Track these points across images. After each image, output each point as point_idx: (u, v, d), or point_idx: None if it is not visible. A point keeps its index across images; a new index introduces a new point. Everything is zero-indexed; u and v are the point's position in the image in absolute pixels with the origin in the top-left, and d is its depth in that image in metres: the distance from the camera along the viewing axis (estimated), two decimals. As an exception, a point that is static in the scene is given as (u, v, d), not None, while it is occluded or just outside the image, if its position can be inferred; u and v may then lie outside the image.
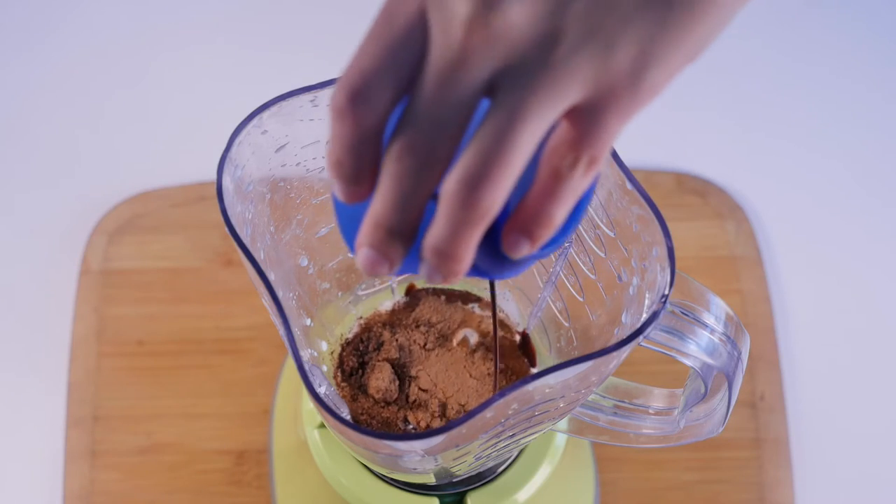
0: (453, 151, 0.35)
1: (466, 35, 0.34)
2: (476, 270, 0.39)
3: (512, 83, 0.34)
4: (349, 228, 0.40)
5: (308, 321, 0.57)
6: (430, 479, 0.58)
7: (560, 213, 0.36)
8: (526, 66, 0.34)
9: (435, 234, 0.36)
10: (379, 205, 0.36)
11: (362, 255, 0.37)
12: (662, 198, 0.80)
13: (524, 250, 0.37)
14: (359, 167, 0.36)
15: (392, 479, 0.60)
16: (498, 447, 0.51)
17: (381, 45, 0.35)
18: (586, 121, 0.35)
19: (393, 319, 0.60)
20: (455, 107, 0.34)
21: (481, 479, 0.61)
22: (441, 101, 0.34)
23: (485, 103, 0.35)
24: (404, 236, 0.36)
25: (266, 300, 0.45)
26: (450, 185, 0.35)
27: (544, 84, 0.34)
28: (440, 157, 0.35)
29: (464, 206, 0.35)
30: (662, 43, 0.35)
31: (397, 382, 0.57)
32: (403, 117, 0.35)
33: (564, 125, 0.36)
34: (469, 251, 0.36)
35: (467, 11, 0.33)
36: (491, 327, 0.60)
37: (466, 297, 0.61)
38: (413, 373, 0.57)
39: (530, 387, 0.42)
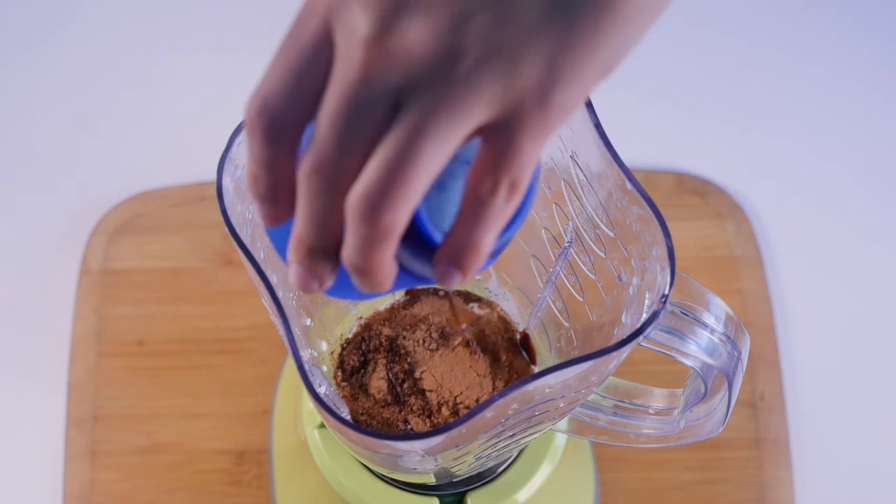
0: (360, 168, 0.35)
1: (366, 54, 0.33)
2: (417, 278, 0.39)
3: (415, 101, 0.34)
4: (281, 243, 0.40)
5: (308, 321, 0.57)
6: (430, 479, 0.58)
7: (486, 240, 0.36)
8: (428, 83, 0.33)
9: (346, 250, 0.36)
10: (298, 224, 0.36)
11: (291, 273, 0.37)
12: (662, 198, 0.80)
13: (456, 280, 0.37)
14: (274, 185, 0.36)
15: (392, 479, 0.60)
16: (498, 447, 0.51)
17: (288, 62, 0.35)
18: (499, 142, 0.35)
19: (393, 318, 0.60)
20: (359, 125, 0.34)
21: (481, 479, 0.61)
22: (345, 119, 0.34)
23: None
24: (327, 254, 0.36)
25: (266, 300, 0.45)
26: (351, 201, 0.34)
27: (446, 102, 0.33)
28: (347, 175, 0.35)
29: (366, 224, 0.34)
30: (569, 59, 0.34)
31: (396, 383, 0.57)
32: (312, 136, 0.35)
33: (482, 148, 0.35)
34: (383, 266, 0.36)
35: (367, 30, 0.33)
36: (491, 327, 0.60)
37: (467, 297, 0.61)
38: (413, 373, 0.57)
39: (530, 387, 0.42)
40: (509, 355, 0.59)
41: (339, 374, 0.58)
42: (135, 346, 0.76)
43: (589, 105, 0.46)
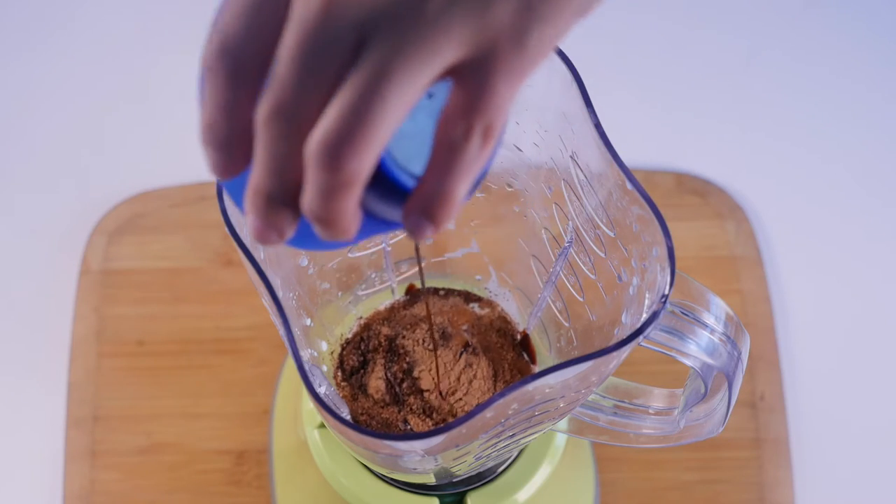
0: (321, 111, 0.32)
1: None
2: (384, 224, 0.37)
3: (380, 39, 0.31)
4: (238, 195, 0.38)
5: (308, 321, 0.57)
6: (430, 479, 0.58)
7: (459, 189, 0.34)
8: (394, 20, 0.31)
9: (306, 198, 0.33)
10: (255, 171, 0.34)
11: (248, 224, 0.35)
12: (662, 198, 0.80)
13: (427, 232, 0.35)
14: (232, 132, 0.34)
15: (392, 479, 0.60)
16: (498, 447, 0.51)
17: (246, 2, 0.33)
18: (473, 83, 0.33)
19: (393, 318, 0.60)
20: (320, 64, 0.32)
21: (481, 479, 0.61)
22: (304, 58, 0.32)
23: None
24: (287, 203, 0.34)
25: (266, 300, 0.45)
26: (310, 147, 0.32)
27: (414, 40, 0.31)
28: (308, 118, 0.32)
29: (327, 171, 0.32)
30: None
31: (395, 383, 0.57)
32: (270, 79, 0.33)
33: (455, 90, 0.33)
34: (346, 215, 0.34)
35: None
36: (491, 328, 0.60)
37: (467, 297, 0.61)
38: (412, 372, 0.57)
39: (530, 387, 0.42)
40: (509, 355, 0.59)
41: (339, 374, 0.58)
42: (135, 346, 0.76)
43: (589, 105, 0.46)
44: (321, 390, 0.55)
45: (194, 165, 0.81)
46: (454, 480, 0.59)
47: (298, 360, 0.43)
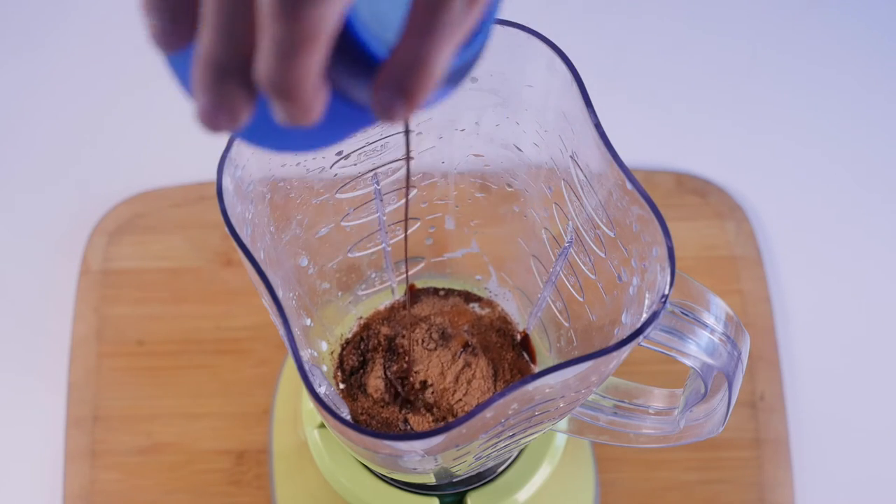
0: None
1: None
2: (355, 112, 0.31)
3: None
4: (185, 72, 0.32)
5: (308, 321, 0.57)
6: (430, 479, 0.58)
7: (439, 57, 0.29)
8: None
9: (261, 62, 0.28)
10: (203, 37, 0.29)
11: (197, 106, 0.30)
12: (662, 198, 0.80)
13: (399, 111, 0.29)
14: None
15: (392, 479, 0.60)
16: (498, 447, 0.51)
17: None
18: None
19: (392, 318, 0.60)
20: None
21: (481, 479, 0.61)
22: None
23: None
24: (240, 72, 0.29)
25: (266, 300, 0.45)
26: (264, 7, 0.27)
27: None
28: None
29: (284, 21, 0.27)
30: None
31: (395, 383, 0.57)
32: None
33: None
34: (307, 82, 0.28)
35: None
36: (491, 328, 0.60)
37: (467, 297, 0.61)
38: (413, 372, 0.57)
39: (530, 387, 0.42)
40: (509, 355, 0.59)
41: (339, 374, 0.58)
42: (135, 346, 0.76)
43: (589, 105, 0.46)
44: (321, 390, 0.55)
45: (194, 165, 0.81)
46: (454, 480, 0.59)
47: (298, 360, 0.43)
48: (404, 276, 0.60)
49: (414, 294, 0.61)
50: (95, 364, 0.75)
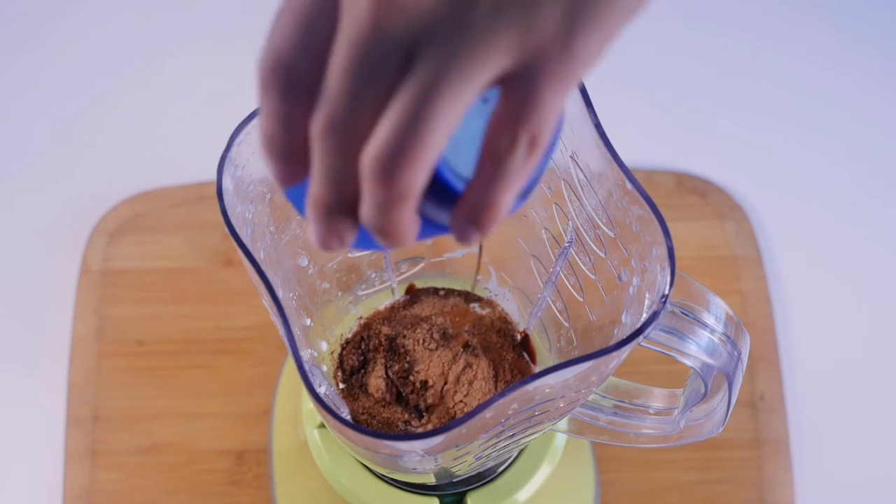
0: (375, 124, 0.33)
1: (374, 2, 0.31)
2: (443, 227, 0.37)
3: (428, 51, 0.32)
4: (299, 200, 0.39)
5: (308, 321, 0.57)
6: (430, 479, 0.58)
7: (504, 200, 0.34)
8: (442, 32, 0.31)
9: (364, 211, 0.34)
10: (314, 183, 0.34)
11: (310, 232, 0.36)
12: (662, 198, 0.80)
13: (474, 239, 0.35)
14: (290, 144, 0.35)
15: (392, 479, 0.60)
16: (498, 447, 0.51)
17: (295, 13, 0.33)
18: (518, 92, 0.33)
19: (393, 318, 0.60)
20: (371, 79, 0.32)
21: (481, 479, 0.61)
22: (355, 72, 0.32)
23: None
24: (345, 211, 0.35)
25: (266, 300, 0.45)
26: (365, 163, 0.33)
27: (462, 51, 0.32)
28: (362, 132, 0.33)
29: (382, 185, 0.33)
30: (590, 2, 0.32)
31: (396, 382, 0.57)
32: (323, 93, 0.33)
33: (501, 99, 0.33)
34: (404, 224, 0.34)
35: None
36: (491, 327, 0.60)
37: (467, 297, 0.61)
38: (414, 372, 0.57)
39: (530, 387, 0.42)
40: (509, 355, 0.59)
41: (339, 373, 0.58)
42: (135, 346, 0.76)
43: (589, 105, 0.46)
44: (321, 390, 0.55)
45: (194, 165, 0.81)
46: (454, 480, 0.59)
47: (298, 360, 0.43)
48: (404, 276, 0.60)
49: (414, 294, 0.61)
50: (95, 364, 0.75)
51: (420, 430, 0.56)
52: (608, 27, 0.33)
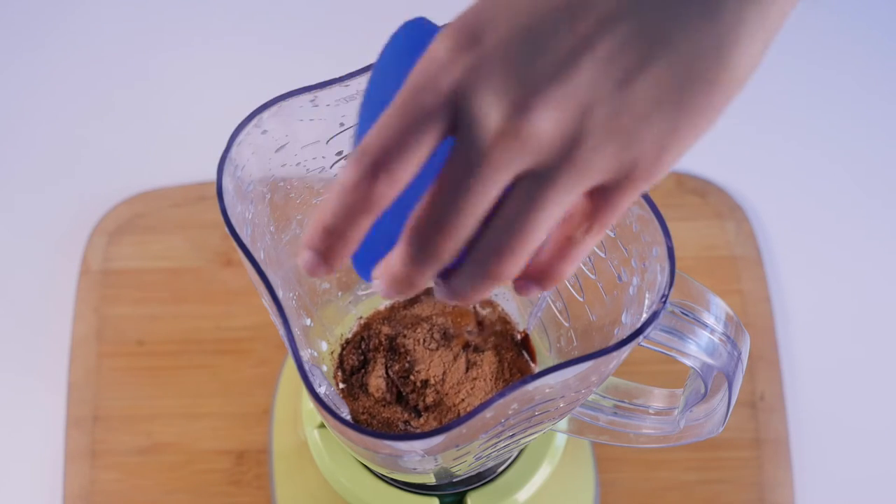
0: (473, 231, 0.37)
1: (496, 139, 0.35)
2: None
3: (535, 175, 0.36)
4: (366, 262, 0.41)
5: (308, 321, 0.57)
6: (430, 479, 0.58)
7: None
8: (550, 163, 0.35)
9: (456, 280, 0.38)
10: (397, 261, 0.38)
11: (378, 286, 0.39)
12: (662, 198, 0.80)
13: (533, 293, 0.40)
14: (347, 240, 0.37)
15: (392, 479, 0.60)
16: (498, 447, 0.51)
17: (407, 121, 0.35)
18: (603, 198, 0.37)
19: (393, 318, 0.60)
20: (479, 197, 0.36)
21: (481, 479, 0.61)
22: (473, 197, 0.36)
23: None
24: (417, 287, 0.39)
25: (266, 300, 0.45)
26: (475, 255, 0.37)
27: (565, 178, 0.36)
28: (467, 235, 0.37)
29: (484, 275, 0.38)
30: (677, 137, 0.36)
31: (396, 382, 0.57)
32: (430, 198, 0.36)
33: (584, 198, 0.38)
34: (477, 296, 0.39)
35: (500, 117, 0.35)
36: (491, 327, 0.60)
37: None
38: (413, 372, 0.57)
39: (530, 387, 0.42)
40: (509, 355, 0.59)
41: (339, 373, 0.58)
42: (135, 346, 0.76)
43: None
44: (321, 390, 0.55)
45: (194, 165, 0.81)
46: (454, 480, 0.59)
47: (298, 360, 0.43)
48: None
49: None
50: (95, 364, 0.75)
51: (420, 430, 0.56)
52: (690, 143, 0.37)
